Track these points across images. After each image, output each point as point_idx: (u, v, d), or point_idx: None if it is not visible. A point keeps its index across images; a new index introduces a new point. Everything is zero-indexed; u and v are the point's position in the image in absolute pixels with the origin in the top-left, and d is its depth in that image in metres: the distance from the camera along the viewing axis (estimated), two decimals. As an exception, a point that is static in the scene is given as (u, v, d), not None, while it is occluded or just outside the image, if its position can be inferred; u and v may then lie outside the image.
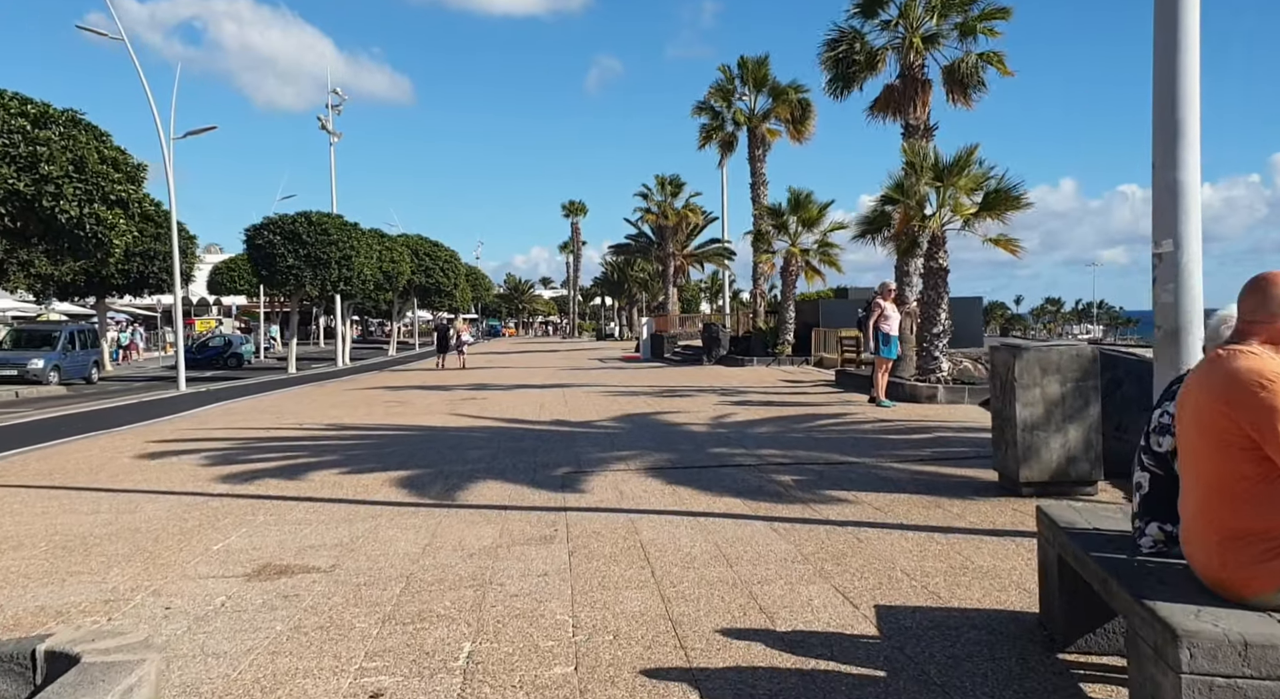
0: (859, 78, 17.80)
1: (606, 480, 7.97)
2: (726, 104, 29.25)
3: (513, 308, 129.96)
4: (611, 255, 75.87)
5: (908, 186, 15.34)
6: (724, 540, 5.71)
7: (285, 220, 31.20)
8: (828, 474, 8.03)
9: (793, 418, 12.56)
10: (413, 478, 8.29)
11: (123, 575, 5.21)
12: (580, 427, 12.15)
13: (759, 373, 23.13)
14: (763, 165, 28.96)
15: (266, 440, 11.41)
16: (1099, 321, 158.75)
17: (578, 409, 14.48)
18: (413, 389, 20.26)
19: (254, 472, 8.82)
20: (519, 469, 8.63)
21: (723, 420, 12.41)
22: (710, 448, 9.80)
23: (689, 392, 17.52)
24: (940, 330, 15.55)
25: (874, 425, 11.48)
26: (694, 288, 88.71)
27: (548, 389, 19.14)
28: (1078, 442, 6.76)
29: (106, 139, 14.69)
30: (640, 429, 11.66)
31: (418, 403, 16.36)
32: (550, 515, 6.59)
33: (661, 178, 49.32)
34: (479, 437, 11.25)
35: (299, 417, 14.38)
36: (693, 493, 7.30)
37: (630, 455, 9.40)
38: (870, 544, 5.55)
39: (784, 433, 10.94)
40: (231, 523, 6.57)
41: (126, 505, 7.31)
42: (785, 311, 26.93)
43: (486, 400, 16.63)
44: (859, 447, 9.67)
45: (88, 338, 29.98)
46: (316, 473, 8.68)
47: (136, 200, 15.34)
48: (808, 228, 26.23)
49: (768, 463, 8.68)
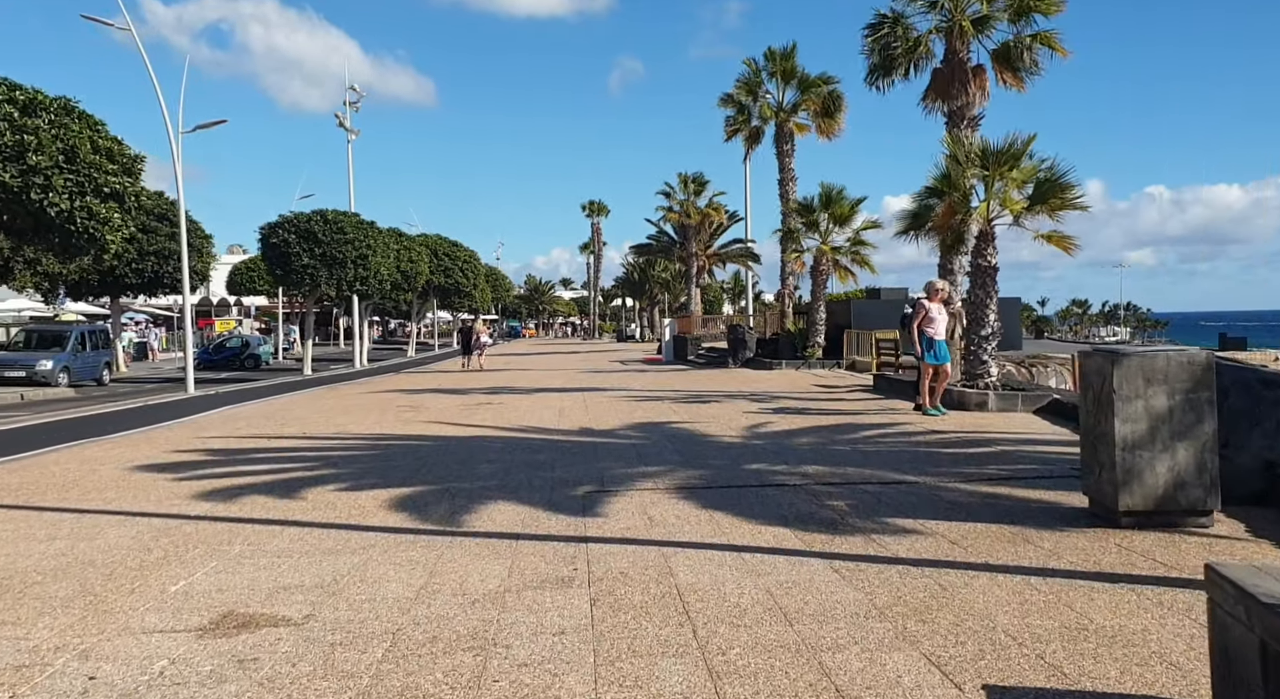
0: (901, 65, 16.75)
1: (632, 503, 7.03)
2: (753, 97, 28.21)
3: (533, 309, 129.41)
4: (633, 255, 74.96)
5: (954, 178, 14.30)
6: (777, 586, 4.74)
7: (300, 219, 30.48)
8: (886, 497, 7.04)
9: (834, 428, 11.56)
10: (415, 497, 7.38)
11: (52, 628, 4.31)
12: (602, 437, 11.22)
13: (789, 377, 22.11)
14: (791, 161, 27.90)
15: (263, 451, 10.56)
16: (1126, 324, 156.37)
17: (599, 416, 13.55)
18: (428, 393, 19.41)
19: (241, 488, 7.95)
20: (534, 487, 7.70)
21: (757, 431, 11.43)
22: (746, 463, 8.83)
23: (717, 397, 16.55)
24: (989, 332, 14.50)
25: (926, 437, 10.47)
26: (716, 289, 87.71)
27: (567, 393, 18.23)
28: (1189, 463, 5.74)
29: (101, 128, 13.91)
30: (667, 440, 10.71)
31: (431, 408, 15.48)
32: (569, 548, 5.65)
33: (684, 176, 48.40)
34: (493, 447, 10.34)
35: (305, 423, 13.54)
36: (733, 520, 6.34)
37: (658, 472, 8.45)
38: (957, 593, 4.57)
39: (827, 446, 9.95)
40: (201, 554, 5.68)
41: (89, 530, 6.44)
42: (815, 313, 25.89)
43: (503, 405, 15.73)
44: (915, 463, 8.67)
45: (99, 338, 29.39)
46: (310, 490, 7.79)
47: (133, 194, 14.55)
48: (839, 225, 25.18)
49: (814, 482, 7.70)
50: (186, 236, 34.53)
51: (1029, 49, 16.23)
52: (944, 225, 14.37)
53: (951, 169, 14.26)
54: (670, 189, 49.31)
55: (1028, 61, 16.38)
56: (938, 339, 12.82)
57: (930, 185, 14.40)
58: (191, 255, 34.86)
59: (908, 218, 15.06)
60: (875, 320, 26.13)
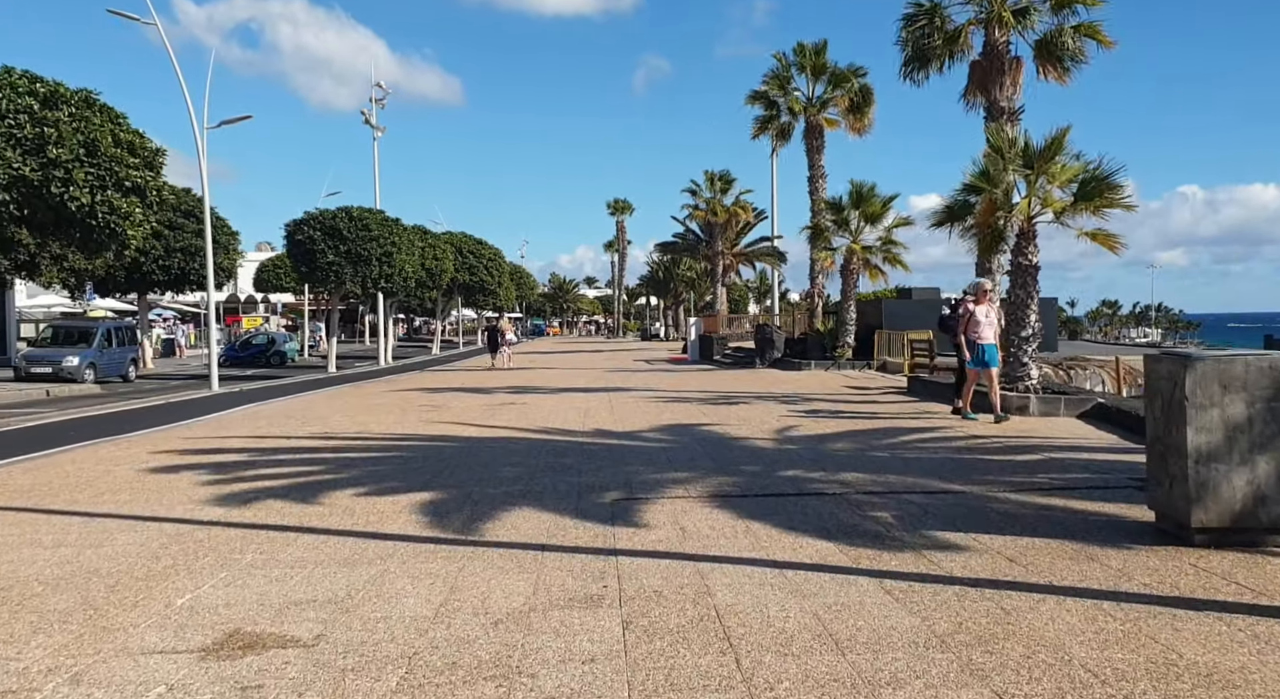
0: (938, 57, 16.26)
1: (664, 511, 6.67)
2: (782, 92, 27.73)
3: (557, 307, 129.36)
4: (658, 254, 74.60)
5: (993, 174, 13.83)
6: (825, 608, 4.37)
7: (326, 216, 30.37)
8: (933, 508, 6.64)
9: (870, 433, 11.14)
10: (436, 503, 7.06)
11: (46, 647, 4.02)
12: (629, 439, 10.87)
13: (819, 378, 21.66)
14: (820, 157, 27.41)
15: (282, 451, 10.30)
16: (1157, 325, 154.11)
17: (625, 418, 13.20)
18: (451, 392, 19.15)
19: (258, 492, 7.67)
20: (560, 493, 7.36)
21: (790, 434, 11.04)
22: (781, 470, 8.44)
23: (746, 398, 16.16)
24: (1030, 334, 14.00)
25: (968, 442, 10.04)
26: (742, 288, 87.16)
27: (592, 393, 17.90)
28: (1270, 477, 5.30)
29: (123, 121, 13.72)
30: (697, 444, 10.34)
31: (454, 407, 15.20)
32: (598, 562, 5.30)
33: (711, 173, 47.87)
34: (517, 449, 10.02)
35: (326, 422, 13.29)
36: (772, 532, 5.96)
37: (689, 477, 8.09)
38: (1022, 619, 4.17)
39: (865, 451, 9.54)
40: (212, 563, 5.39)
41: (97, 536, 6.17)
42: (845, 312, 25.40)
43: (527, 406, 15.43)
44: (959, 470, 8.26)
45: (125, 335, 29.42)
46: (328, 494, 7.50)
47: (155, 188, 14.35)
48: (870, 223, 24.67)
49: (855, 491, 7.30)
50: (212, 233, 34.67)
51: (1071, 40, 15.70)
52: (984, 223, 13.90)
53: (991, 165, 13.79)
54: (696, 187, 48.84)
55: (1070, 53, 15.85)
56: (984, 343, 12.11)
57: (969, 182, 13.93)
58: (217, 252, 34.93)
59: (943, 214, 14.59)
60: (907, 320, 25.61)
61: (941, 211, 14.54)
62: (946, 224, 14.60)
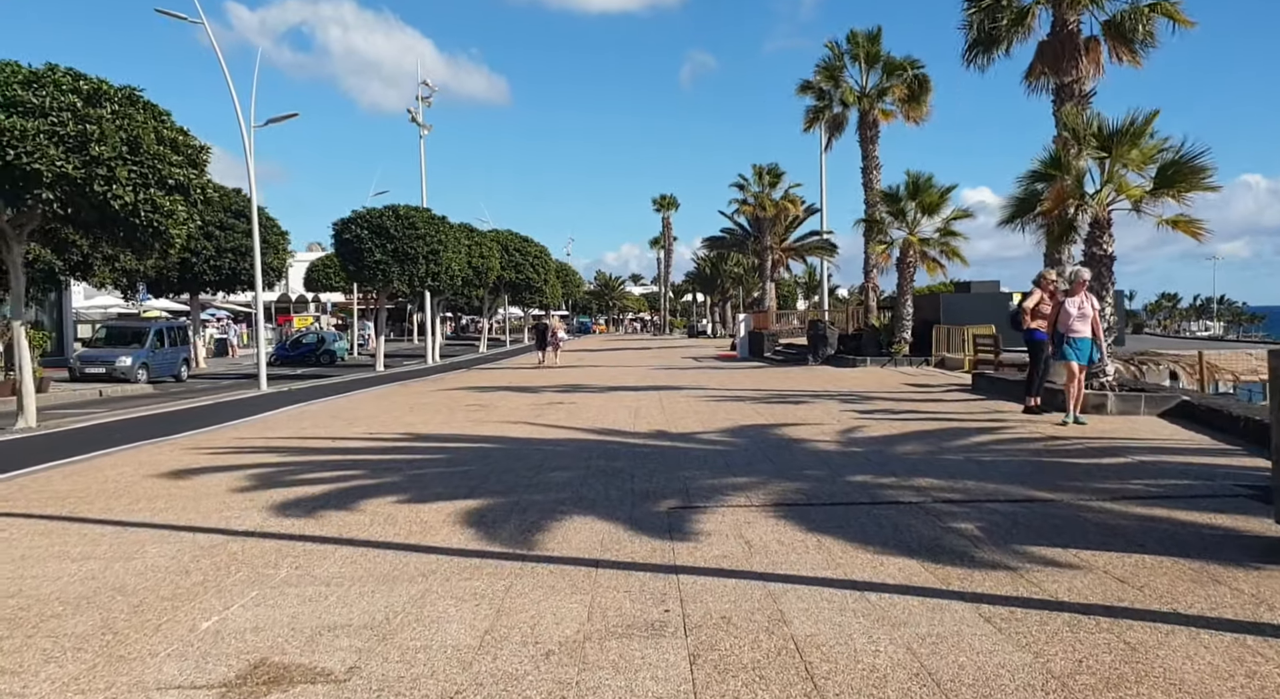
0: (1004, 39, 15.50)
1: (725, 521, 6.18)
2: (834, 83, 26.98)
3: (603, 304, 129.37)
4: (705, 249, 73.91)
5: (1065, 160, 13.09)
6: (919, 640, 3.85)
7: (373, 214, 30.32)
8: (1022, 518, 6.06)
9: (939, 433, 10.53)
10: (482, 511, 6.65)
11: (55, 680, 3.66)
12: (683, 441, 10.39)
13: (877, 375, 20.96)
14: (875, 148, 26.62)
15: (326, 453, 9.99)
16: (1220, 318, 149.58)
17: (677, 418, 12.72)
18: (498, 390, 18.83)
19: (297, 499, 7.33)
20: (612, 501, 6.91)
21: (853, 435, 10.47)
22: (849, 474, 7.90)
23: (802, 397, 15.58)
24: (1105, 327, 13.23)
25: (1046, 445, 9.39)
26: (790, 283, 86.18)
27: (642, 392, 17.44)
28: None
29: (166, 118, 13.58)
30: (755, 446, 9.82)
31: (501, 407, 14.85)
32: (657, 581, 4.83)
33: (759, 167, 47.10)
34: (565, 452, 9.60)
35: (372, 423, 13.01)
36: (846, 547, 5.44)
37: (750, 483, 7.58)
38: (1153, 656, 3.61)
39: (937, 455, 8.94)
40: (243, 580, 5.02)
41: (127, 547, 5.85)
42: (902, 307, 24.63)
43: (576, 405, 15.02)
44: (1042, 475, 7.64)
45: (177, 335, 29.68)
46: (370, 501, 7.13)
47: (199, 186, 14.16)
48: (928, 215, 23.87)
49: (932, 499, 6.74)
50: (262, 233, 34.84)
51: (1145, 20, 14.85)
52: (1054, 211, 13.17)
53: (1061, 150, 13.06)
54: (744, 181, 48.10)
55: (1143, 33, 15.00)
56: (1077, 336, 10.92)
57: (1038, 169, 13.21)
58: (267, 252, 35.15)
59: (1013, 207, 13.86)
60: (966, 315, 24.79)
61: (1011, 204, 13.82)
62: (1017, 219, 13.89)
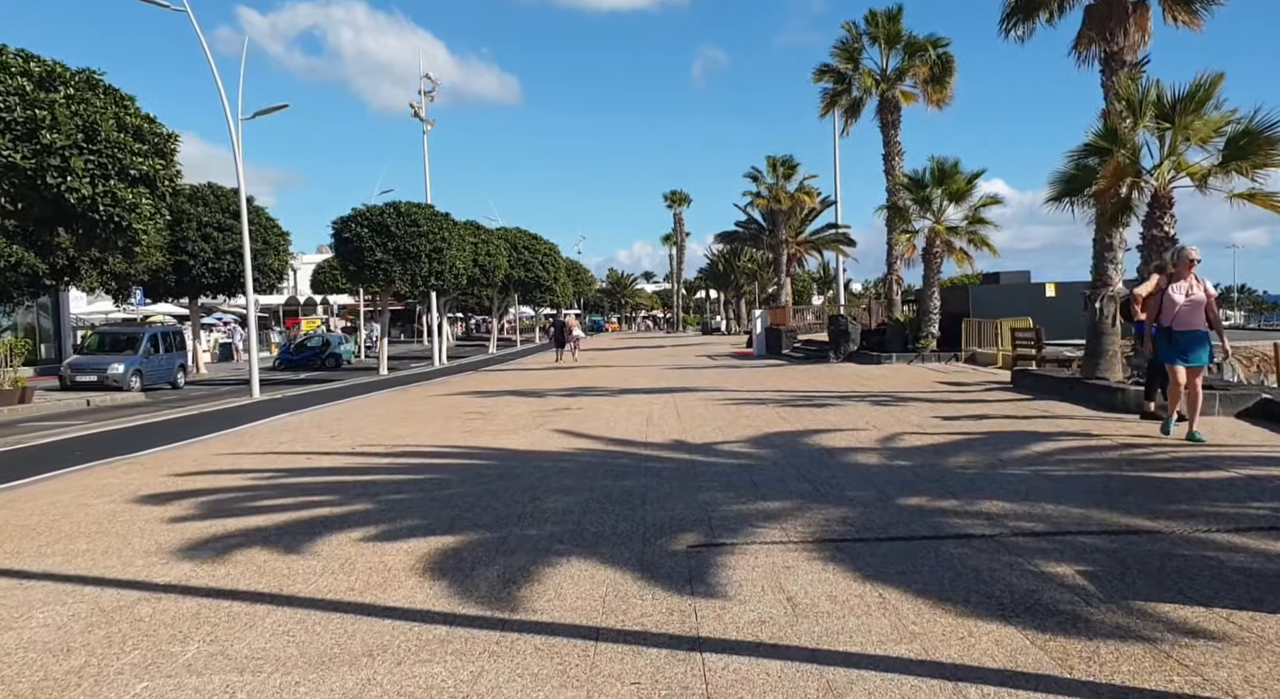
0: (1045, 6, 14.19)
1: (758, 565, 4.97)
2: (853, 65, 25.64)
3: (615, 302, 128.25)
4: (718, 244, 72.58)
5: (1121, 132, 11.81)
6: (1064, 783, 2.61)
7: (374, 212, 29.16)
8: (1132, 559, 4.81)
9: (992, 441, 9.26)
10: (461, 553, 5.45)
11: None
12: (701, 454, 9.17)
13: (905, 373, 19.67)
14: (896, 133, 25.30)
15: (295, 474, 8.82)
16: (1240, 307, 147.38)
17: (695, 424, 11.50)
18: (502, 395, 17.65)
19: (244, 535, 6.15)
20: (620, 537, 5.70)
21: (895, 445, 9.22)
22: (900, 496, 6.66)
23: (829, 399, 14.33)
24: (1169, 318, 11.95)
25: (1122, 454, 8.13)
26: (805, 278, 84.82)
27: (655, 395, 16.23)
28: None
29: (129, 104, 12.43)
30: (785, 459, 8.60)
31: (503, 414, 13.66)
32: (675, 664, 3.62)
33: (773, 159, 45.71)
34: (568, 469, 8.40)
35: (359, 435, 11.85)
36: (918, 605, 4.21)
37: (784, 510, 6.36)
38: None
39: (997, 469, 7.69)
40: (134, 664, 3.84)
41: (11, 611, 4.69)
42: (928, 300, 23.33)
43: (583, 411, 13.82)
44: (1135, 496, 6.38)
45: (173, 340, 28.57)
46: (329, 538, 5.95)
47: (167, 178, 13.01)
48: (955, 202, 22.58)
49: (1009, 530, 5.50)
50: (262, 234, 33.85)
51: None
52: (1109, 189, 11.88)
53: (1116, 122, 11.78)
54: (758, 173, 46.72)
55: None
56: (1183, 329, 8.65)
57: (1092, 142, 11.93)
58: (268, 253, 34.17)
59: (1061, 185, 12.61)
60: (996, 307, 23.51)
61: (1059, 182, 12.56)
62: (1065, 198, 12.62)
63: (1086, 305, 13.75)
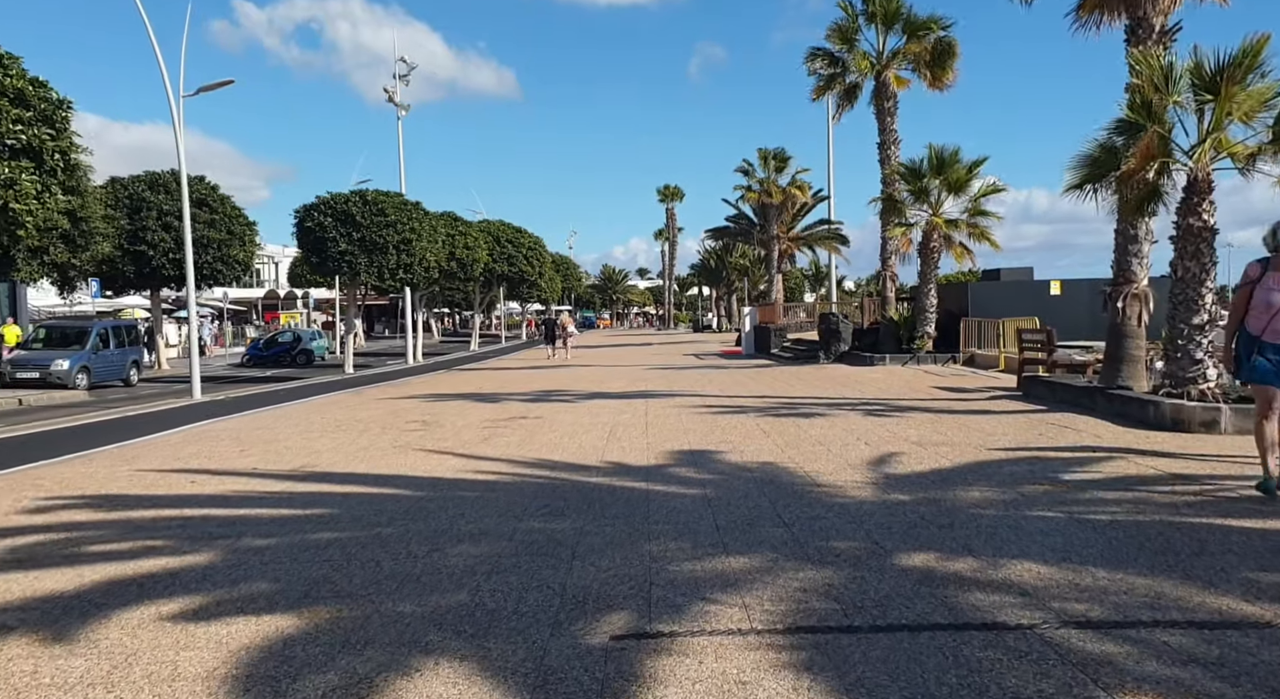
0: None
1: (702, 680, 3.42)
2: (848, 46, 24.04)
3: (606, 299, 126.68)
4: (709, 239, 71.07)
5: (1155, 105, 10.28)
6: None
7: (338, 199, 27.46)
8: (1251, 674, 3.27)
9: (1010, 469, 7.71)
10: (291, 646, 3.89)
11: None
12: (662, 480, 7.63)
13: (899, 376, 18.15)
14: (893, 120, 23.74)
15: (160, 503, 7.23)
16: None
17: (661, 440, 9.96)
18: (458, 399, 16.08)
19: (22, 606, 4.59)
20: (523, 618, 4.15)
21: (891, 471, 7.68)
22: (900, 550, 5.12)
23: (817, 407, 12.79)
24: (1203, 321, 10.47)
25: (1176, 493, 6.58)
26: (797, 275, 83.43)
27: (627, 401, 14.70)
28: None
29: (11, 65, 10.79)
30: (760, 489, 7.05)
31: (447, 425, 12.09)
32: None
33: (765, 151, 44.20)
34: (494, 502, 6.85)
35: (270, 449, 10.28)
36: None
37: (749, 571, 4.82)
38: None
39: (1022, 509, 6.15)
40: None
41: None
42: (925, 298, 21.81)
43: (541, 420, 12.26)
44: (1211, 559, 4.84)
45: (126, 335, 26.91)
46: (129, 613, 4.39)
47: (57, 150, 11.38)
48: (954, 193, 21.07)
49: (1060, 618, 3.96)
50: (226, 223, 32.09)
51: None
52: (1137, 171, 10.36)
53: (1150, 90, 10.26)
54: (749, 166, 45.18)
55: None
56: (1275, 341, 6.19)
57: (1125, 116, 10.40)
58: (233, 243, 32.44)
59: (1083, 166, 11.08)
60: (997, 306, 21.96)
61: (1081, 166, 11.03)
62: (1087, 185, 11.09)
63: (1106, 304, 12.25)
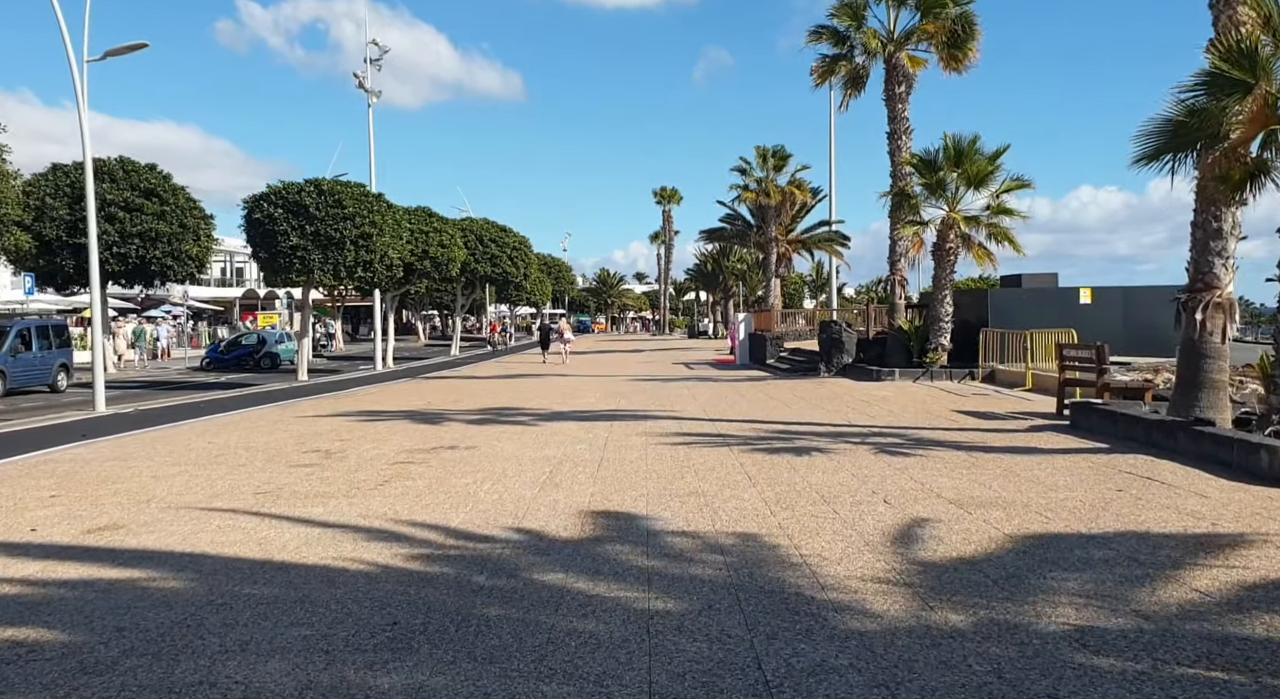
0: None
1: None
2: (856, 24, 21.61)
3: (602, 303, 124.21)
4: (704, 242, 68.51)
5: (1262, 56, 7.86)
6: None
7: (290, 189, 24.95)
8: None
9: (1103, 549, 5.24)
10: None
11: None
12: (585, 573, 5.18)
13: (912, 394, 15.69)
14: (905, 107, 21.30)
15: None
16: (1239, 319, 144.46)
17: (609, 492, 7.51)
18: (391, 420, 13.61)
19: None
20: None
21: (930, 560, 5.22)
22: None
23: (817, 438, 10.35)
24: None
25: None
26: (796, 280, 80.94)
27: (591, 423, 12.26)
28: None
29: None
30: (729, 602, 4.60)
31: (351, 459, 9.62)
32: None
33: (763, 149, 41.68)
34: (307, 620, 4.41)
35: (87, 496, 7.85)
36: None
37: None
38: None
39: (1156, 652, 3.68)
40: None
41: None
42: (940, 306, 19.36)
43: (472, 451, 9.81)
44: None
45: (53, 336, 24.41)
46: None
47: None
48: (974, 187, 18.64)
49: None
50: (180, 216, 29.63)
51: None
52: (1246, 141, 7.93)
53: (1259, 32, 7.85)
54: (746, 165, 42.66)
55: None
56: None
57: (1218, 67, 7.96)
58: (187, 238, 30.00)
59: (1160, 133, 8.65)
60: (1019, 316, 19.51)
61: (1157, 133, 8.61)
62: (1165, 155, 8.66)
63: (1180, 316, 9.85)
